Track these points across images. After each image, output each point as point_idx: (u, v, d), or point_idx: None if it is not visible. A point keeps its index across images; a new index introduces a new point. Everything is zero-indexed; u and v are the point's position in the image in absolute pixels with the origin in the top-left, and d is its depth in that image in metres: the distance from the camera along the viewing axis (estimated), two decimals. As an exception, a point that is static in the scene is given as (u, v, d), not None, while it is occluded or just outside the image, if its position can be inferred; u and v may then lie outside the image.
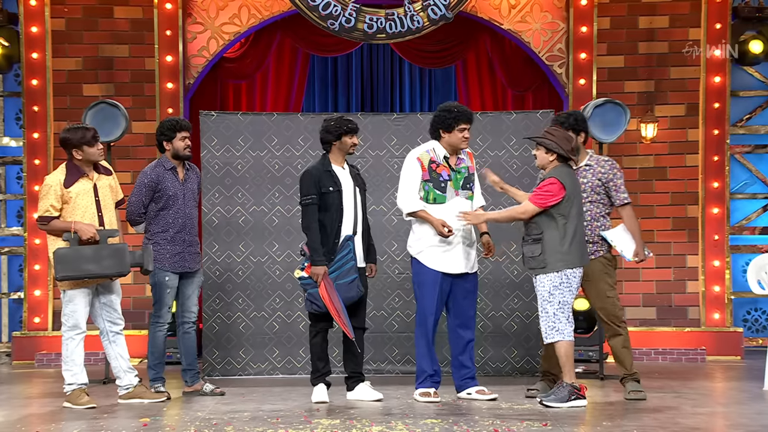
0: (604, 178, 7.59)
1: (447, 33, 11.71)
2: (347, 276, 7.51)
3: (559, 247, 7.19)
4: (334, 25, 10.99)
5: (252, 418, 6.75)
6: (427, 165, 7.63)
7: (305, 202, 7.59)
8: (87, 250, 7.32)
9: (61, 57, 11.49)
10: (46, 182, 7.51)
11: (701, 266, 11.41)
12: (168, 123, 8.08)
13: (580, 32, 11.47)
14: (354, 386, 7.76)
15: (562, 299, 7.21)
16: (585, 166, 7.66)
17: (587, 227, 7.54)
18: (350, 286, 7.51)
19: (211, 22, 11.56)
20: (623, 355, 7.64)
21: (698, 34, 11.48)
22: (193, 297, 8.12)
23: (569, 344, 7.22)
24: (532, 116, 9.66)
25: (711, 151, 11.45)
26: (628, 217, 7.65)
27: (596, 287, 7.61)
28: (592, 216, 7.60)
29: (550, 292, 7.21)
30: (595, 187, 7.59)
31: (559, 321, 7.20)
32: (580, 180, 7.55)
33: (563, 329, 7.20)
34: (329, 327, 7.70)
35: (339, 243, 7.56)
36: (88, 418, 6.89)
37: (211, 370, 9.40)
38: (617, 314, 7.61)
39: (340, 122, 7.70)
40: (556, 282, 7.21)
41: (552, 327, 7.21)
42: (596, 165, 7.65)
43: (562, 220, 7.21)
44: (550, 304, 7.22)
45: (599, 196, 7.60)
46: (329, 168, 7.64)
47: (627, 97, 11.20)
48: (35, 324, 11.25)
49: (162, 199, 7.94)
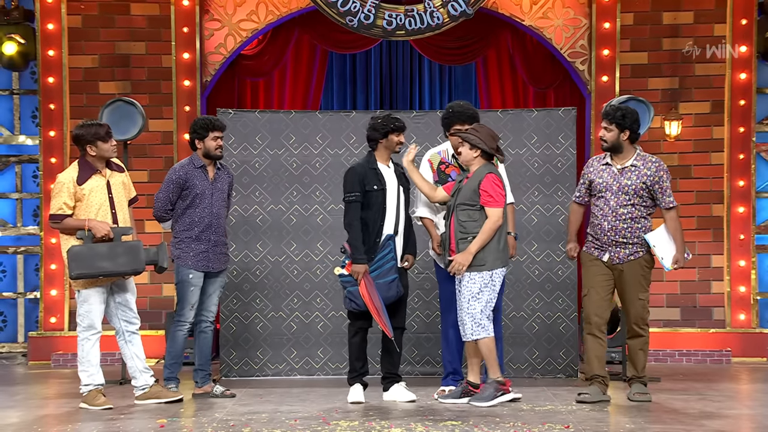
0: (649, 180, 7.45)
1: (467, 29, 11.70)
2: (387, 275, 7.53)
3: (496, 245, 7.39)
4: (353, 21, 11.01)
5: (269, 420, 6.76)
6: (436, 166, 7.87)
7: (349, 199, 7.61)
8: (101, 248, 7.35)
9: (77, 54, 11.54)
10: (58, 180, 7.54)
11: (726, 266, 11.36)
12: (201, 122, 8.08)
13: (603, 28, 11.44)
14: (389, 387, 7.78)
15: (489, 298, 7.39)
16: (630, 167, 7.50)
17: (627, 228, 7.47)
18: (390, 286, 7.53)
19: (228, 19, 11.59)
20: (638, 357, 7.63)
21: (723, 30, 11.43)
22: (213, 297, 8.14)
23: (492, 340, 7.39)
24: (554, 114, 9.63)
25: (736, 149, 11.40)
26: (671, 220, 7.52)
27: (630, 288, 7.55)
28: (632, 217, 7.47)
29: (480, 290, 7.37)
30: (639, 190, 7.45)
31: (485, 318, 7.35)
32: (624, 181, 7.47)
33: (488, 326, 7.37)
34: (368, 326, 7.71)
35: (380, 242, 7.59)
36: (105, 419, 6.92)
37: (228, 370, 9.43)
38: (644, 317, 7.59)
39: (387, 120, 7.75)
40: (486, 280, 7.38)
41: (478, 324, 7.35)
42: (642, 166, 7.48)
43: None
44: (478, 302, 7.37)
45: (641, 198, 7.47)
46: (375, 166, 7.67)
47: (651, 94, 11.17)
48: (51, 324, 11.31)
49: (189, 197, 7.97)
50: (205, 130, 8.00)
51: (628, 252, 7.48)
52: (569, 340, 9.34)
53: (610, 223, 7.49)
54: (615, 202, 7.48)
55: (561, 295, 9.35)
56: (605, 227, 7.51)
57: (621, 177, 7.49)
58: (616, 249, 7.50)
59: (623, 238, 7.48)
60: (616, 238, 7.48)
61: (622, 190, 7.46)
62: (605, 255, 7.54)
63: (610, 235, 7.50)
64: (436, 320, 9.40)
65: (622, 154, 7.54)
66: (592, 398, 7.48)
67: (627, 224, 7.47)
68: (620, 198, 7.46)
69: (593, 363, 7.59)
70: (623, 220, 7.46)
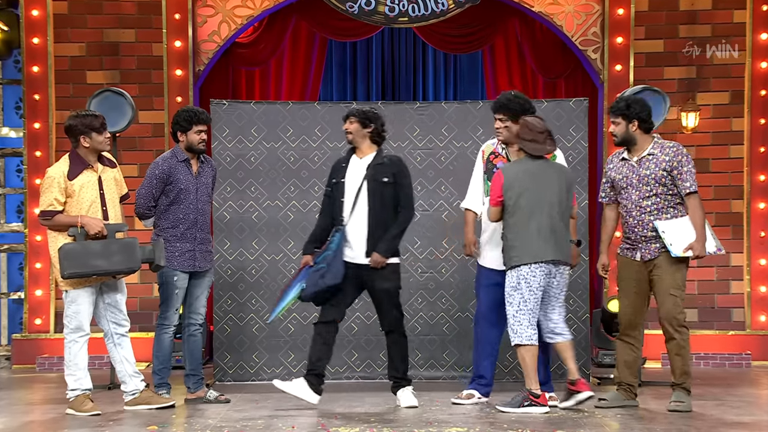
0: (668, 166, 7.39)
1: (473, 16, 11.69)
2: (318, 265, 7.77)
3: (510, 244, 7.42)
4: (354, 8, 11.01)
5: (266, 426, 6.77)
6: (486, 156, 7.99)
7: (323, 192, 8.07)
8: (95, 246, 7.34)
9: (63, 42, 11.54)
10: (48, 174, 7.52)
11: (746, 265, 11.35)
12: (185, 113, 8.04)
13: (617, 15, 11.43)
14: (395, 391, 7.85)
15: (521, 299, 7.34)
16: (648, 156, 7.47)
17: (654, 221, 7.40)
18: (314, 275, 7.74)
19: (222, 5, 11.59)
20: (674, 362, 7.49)
21: (743, 17, 11.42)
22: (201, 298, 8.13)
23: (528, 348, 7.34)
24: (565, 105, 9.62)
25: (757, 142, 11.40)
26: (692, 208, 7.40)
27: (661, 282, 7.45)
28: (658, 209, 7.40)
29: (509, 292, 7.41)
30: (660, 178, 7.39)
31: (519, 323, 7.34)
32: (643, 171, 7.43)
33: (522, 331, 7.33)
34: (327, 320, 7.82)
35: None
36: (93, 426, 6.93)
37: (222, 374, 9.43)
38: (676, 316, 7.43)
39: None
40: (513, 281, 7.37)
41: (511, 329, 7.39)
42: (660, 153, 7.44)
43: (508, 216, 7.44)
44: (510, 305, 7.39)
45: (665, 187, 7.40)
46: (347, 159, 7.93)
47: (666, 84, 11.16)
48: (36, 326, 11.31)
49: (173, 193, 7.95)
50: (189, 123, 7.97)
51: (659, 245, 7.40)
52: (580, 343, 9.32)
53: (635, 218, 7.46)
54: (637, 195, 7.45)
55: (572, 295, 9.33)
56: (631, 223, 7.48)
57: (639, 168, 7.46)
58: (646, 245, 7.45)
59: (651, 231, 7.40)
60: (644, 232, 7.43)
61: (642, 181, 7.43)
62: (637, 253, 7.49)
63: (637, 231, 7.45)
64: (440, 321, 9.42)
65: (637, 146, 7.52)
66: (609, 404, 7.49)
67: (653, 216, 7.40)
68: (642, 190, 7.43)
69: (618, 368, 7.63)
70: (648, 213, 7.41)
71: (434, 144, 9.58)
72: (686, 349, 7.48)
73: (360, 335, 9.50)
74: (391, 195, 7.77)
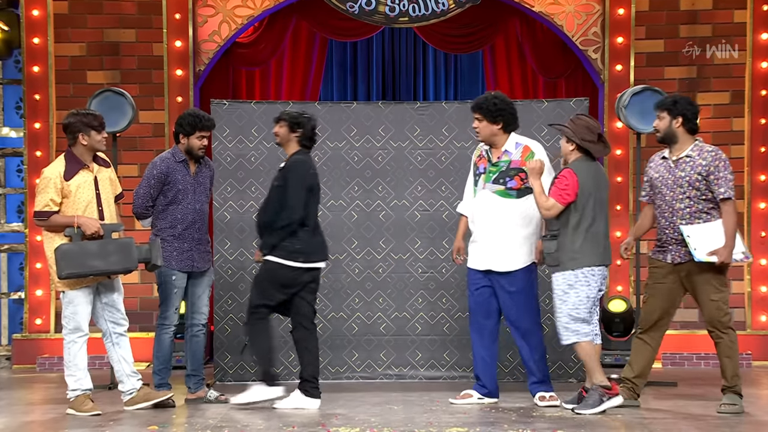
0: (704, 171, 7.28)
1: (474, 16, 11.70)
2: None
3: (570, 245, 7.37)
4: (354, 8, 11.02)
5: (266, 427, 6.78)
6: (475, 160, 8.02)
7: None
8: (92, 246, 7.36)
9: (63, 42, 11.54)
10: (44, 175, 7.53)
11: (747, 265, 11.35)
12: (190, 117, 8.03)
13: (617, 14, 11.44)
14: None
15: (577, 299, 7.33)
16: (685, 157, 7.37)
17: (687, 225, 7.31)
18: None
19: (222, 5, 11.60)
20: (723, 364, 7.45)
21: (744, 17, 11.42)
22: (203, 297, 8.15)
23: (588, 344, 7.37)
24: (565, 105, 9.64)
25: (757, 142, 11.40)
26: (725, 213, 7.28)
27: (700, 289, 7.42)
28: (691, 212, 7.31)
29: (564, 291, 7.39)
30: (694, 182, 7.29)
31: (574, 322, 7.34)
32: (678, 173, 7.35)
33: (578, 329, 7.36)
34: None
35: None
36: (93, 426, 6.94)
37: (222, 375, 9.45)
38: (721, 319, 7.41)
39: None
40: (571, 281, 7.36)
41: (565, 328, 7.37)
42: (698, 156, 7.34)
43: (576, 217, 7.38)
44: (565, 304, 7.39)
45: (699, 191, 7.30)
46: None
47: (667, 84, 11.16)
48: (37, 326, 11.32)
49: (171, 193, 7.97)
50: (192, 128, 7.97)
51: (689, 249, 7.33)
52: (581, 343, 9.33)
53: (667, 219, 7.41)
54: (671, 197, 7.38)
55: (572, 295, 9.34)
56: (663, 224, 7.45)
57: (676, 169, 7.38)
58: (677, 247, 7.39)
59: (681, 234, 7.33)
60: (674, 235, 7.37)
61: (677, 183, 7.35)
62: (668, 256, 7.46)
63: (668, 233, 7.40)
64: (441, 322, 9.43)
65: (677, 144, 7.41)
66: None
67: (686, 221, 7.32)
68: (675, 192, 7.36)
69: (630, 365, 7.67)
70: (681, 216, 7.34)
71: (435, 144, 9.58)
72: (735, 350, 7.45)
73: (360, 335, 9.51)
74: (277, 197, 7.83)
